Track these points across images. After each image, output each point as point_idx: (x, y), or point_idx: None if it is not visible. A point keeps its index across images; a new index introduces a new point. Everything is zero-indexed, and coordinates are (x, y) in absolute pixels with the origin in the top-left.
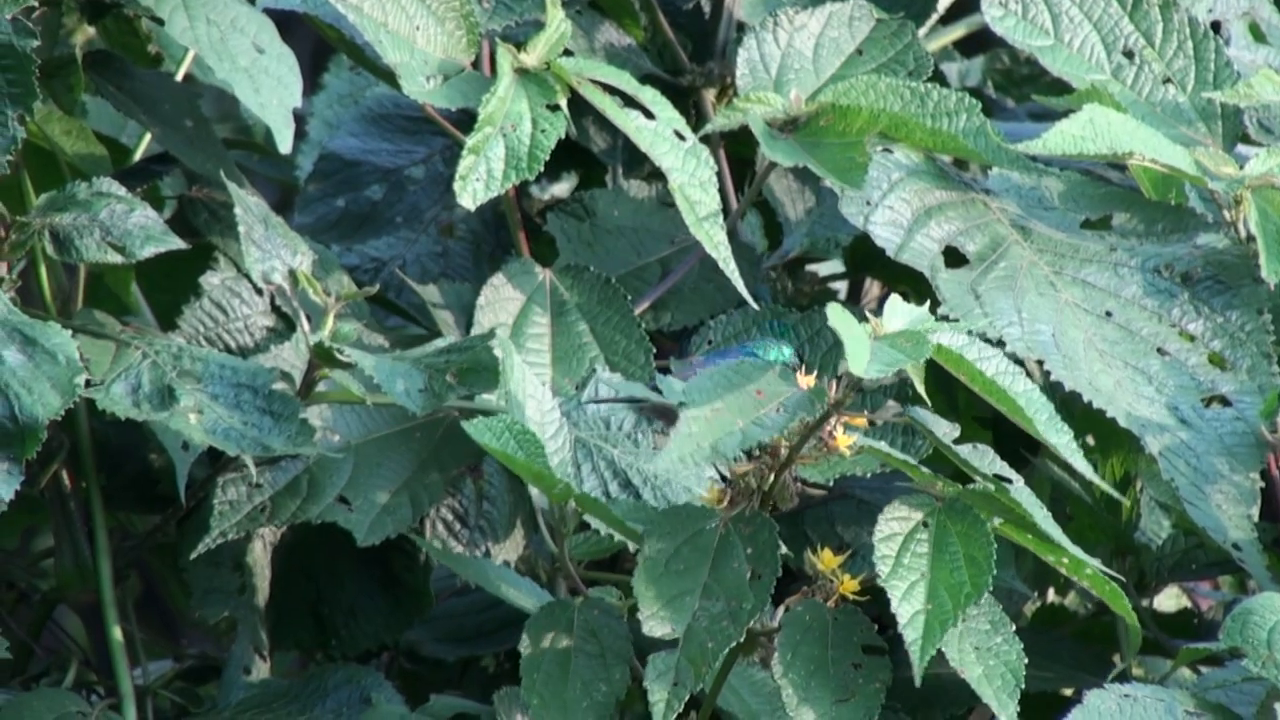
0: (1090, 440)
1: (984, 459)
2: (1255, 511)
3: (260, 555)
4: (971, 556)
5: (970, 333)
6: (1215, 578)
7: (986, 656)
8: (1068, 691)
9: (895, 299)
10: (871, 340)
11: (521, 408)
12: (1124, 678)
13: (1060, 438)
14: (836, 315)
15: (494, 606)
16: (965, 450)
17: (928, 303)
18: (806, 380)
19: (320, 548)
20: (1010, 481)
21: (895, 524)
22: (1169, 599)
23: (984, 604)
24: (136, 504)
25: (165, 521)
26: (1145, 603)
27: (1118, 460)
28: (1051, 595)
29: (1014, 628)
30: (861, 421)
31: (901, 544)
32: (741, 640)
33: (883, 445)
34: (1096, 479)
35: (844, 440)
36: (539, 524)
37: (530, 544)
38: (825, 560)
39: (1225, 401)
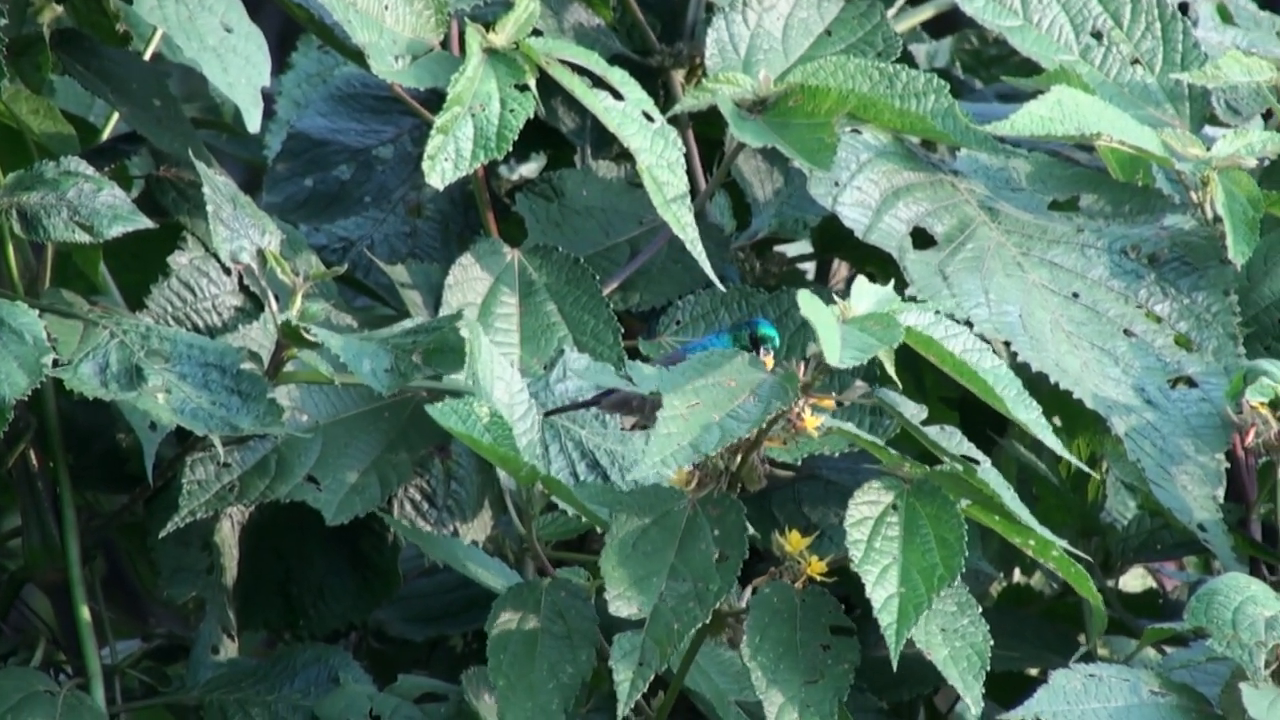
0: (1057, 421)
1: (951, 440)
2: (1220, 492)
3: (228, 535)
4: (943, 538)
5: (937, 312)
6: (1180, 558)
7: (953, 638)
8: (1033, 671)
9: (862, 280)
10: (843, 326)
11: (488, 389)
12: (1089, 657)
13: (1029, 414)
14: (807, 302)
15: (461, 587)
16: (933, 431)
17: (892, 282)
18: (769, 361)
19: (289, 528)
20: (977, 463)
21: (865, 508)
22: (1134, 579)
23: (955, 581)
24: (104, 483)
25: (133, 501)
26: (1111, 583)
27: (1084, 441)
28: (1017, 575)
29: (980, 609)
30: (829, 403)
31: (873, 528)
32: (708, 621)
33: (850, 426)
34: (1066, 453)
35: (812, 422)
36: (507, 504)
37: (498, 524)
38: (793, 542)
39: (1191, 383)
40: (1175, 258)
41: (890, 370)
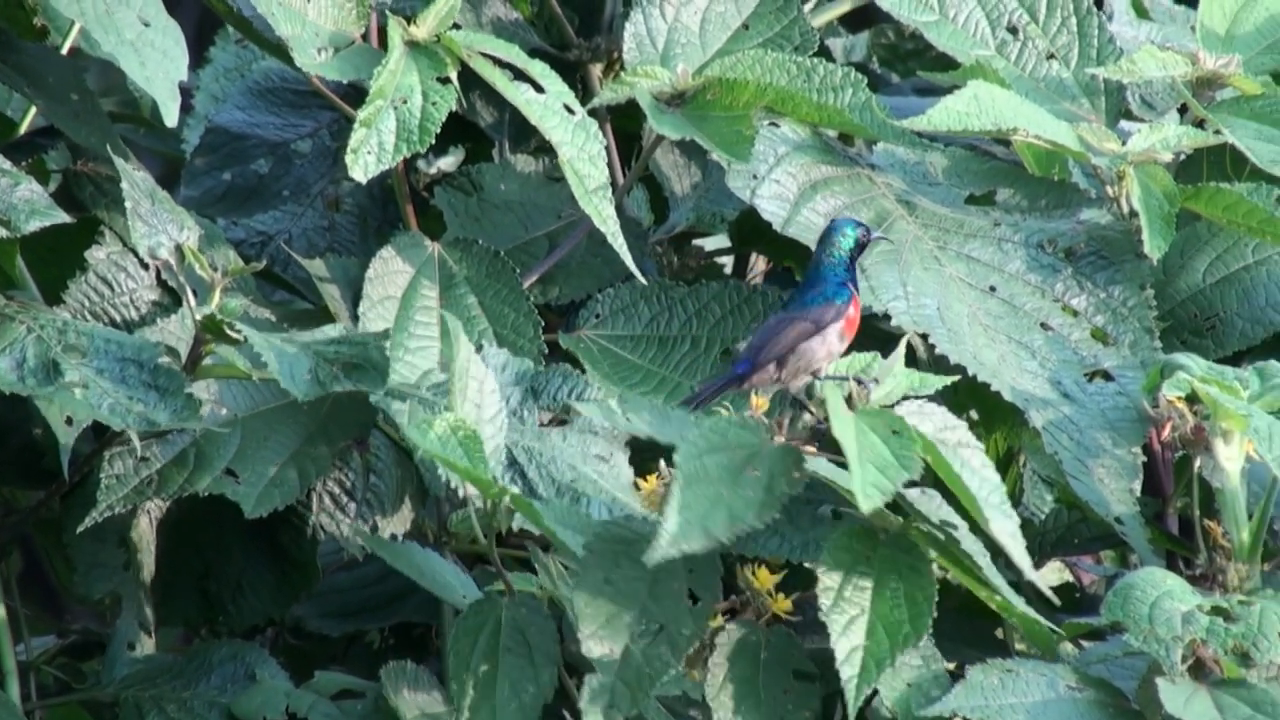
0: (974, 415)
1: (931, 504)
2: (1137, 486)
3: (146, 530)
4: (912, 596)
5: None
6: (1098, 552)
7: (907, 678)
8: (950, 666)
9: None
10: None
11: (464, 387)
12: (1006, 652)
13: (1004, 524)
14: (841, 427)
15: (379, 581)
16: (914, 494)
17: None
18: (759, 403)
19: (207, 522)
20: (955, 527)
21: (840, 554)
22: (1051, 573)
23: (918, 645)
24: (20, 479)
25: (49, 496)
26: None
27: (1001, 435)
28: (936, 570)
29: (945, 665)
30: (812, 450)
31: (844, 576)
32: (680, 670)
33: (833, 472)
34: (1033, 575)
35: None
36: (427, 497)
37: (419, 516)
38: (760, 579)
39: (1108, 376)
40: (1091, 252)
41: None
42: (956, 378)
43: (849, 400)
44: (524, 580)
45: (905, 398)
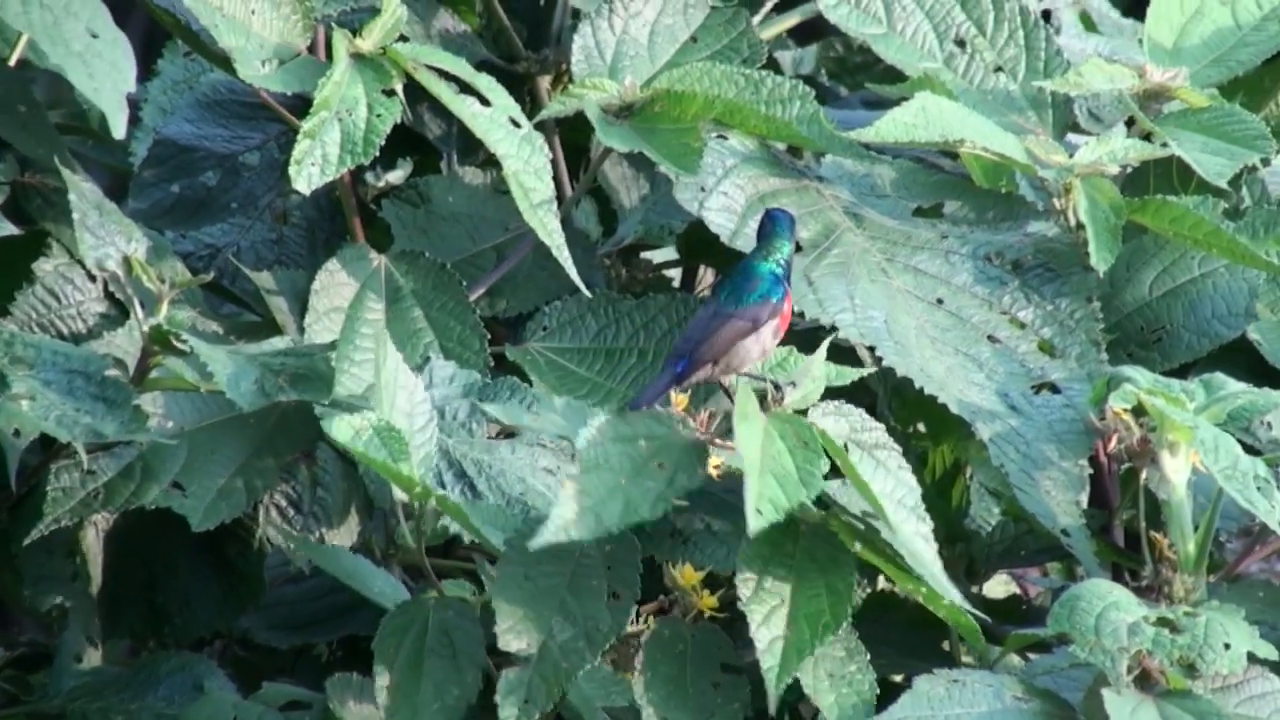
0: (921, 427)
1: (852, 495)
2: (1084, 498)
3: (93, 542)
4: (833, 586)
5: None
6: (1044, 564)
7: (840, 684)
8: (897, 677)
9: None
10: (762, 479)
11: (391, 397)
12: (953, 663)
13: (912, 527)
14: (747, 438)
15: (327, 594)
16: (834, 486)
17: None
18: (680, 400)
19: (154, 535)
20: (877, 518)
21: (760, 546)
22: (998, 585)
23: (841, 630)
24: None
25: None
26: (974, 589)
27: (948, 446)
28: (881, 582)
29: (868, 656)
30: (732, 446)
31: (764, 567)
32: (596, 664)
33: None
34: (945, 584)
35: (713, 461)
36: (373, 510)
37: (365, 529)
38: (686, 576)
39: (1055, 388)
40: (1038, 264)
41: None
42: (873, 369)
43: (763, 402)
44: (459, 587)
45: (823, 397)
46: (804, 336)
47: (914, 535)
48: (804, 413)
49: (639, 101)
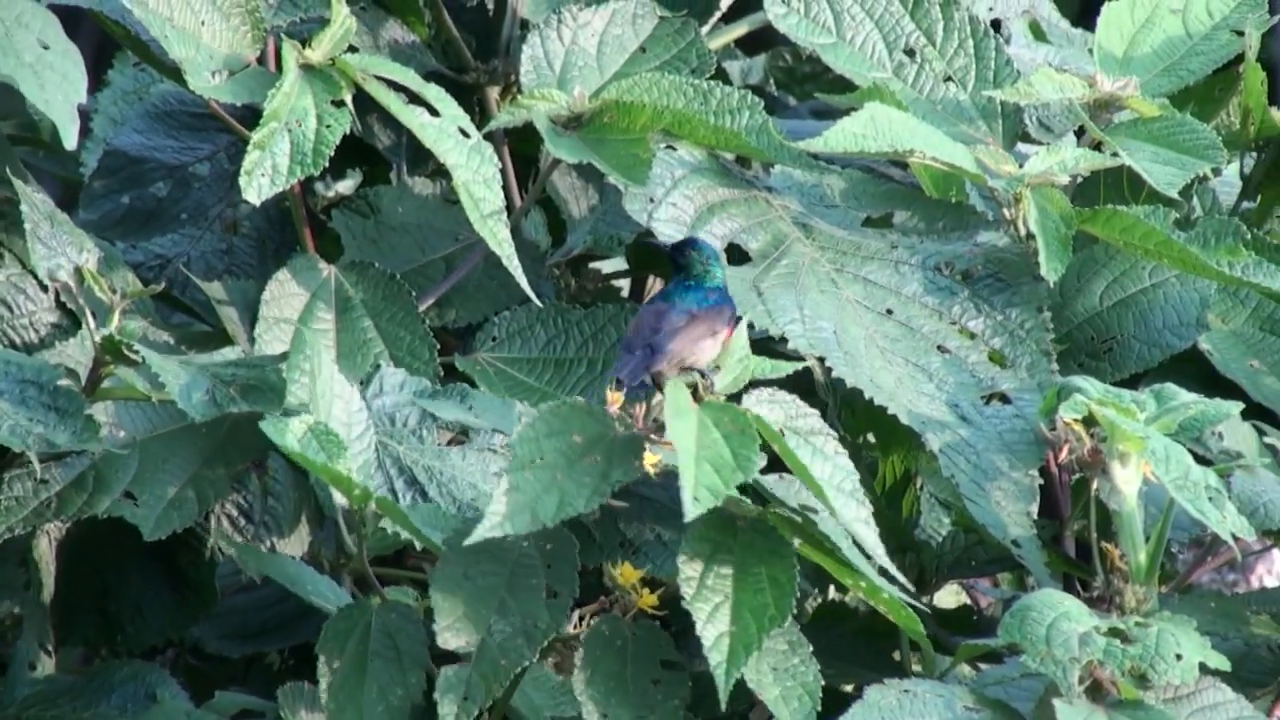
0: (871, 437)
1: (790, 489)
2: (1034, 509)
3: (46, 551)
4: (775, 578)
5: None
6: (995, 574)
7: (784, 678)
8: (849, 687)
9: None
10: (699, 467)
11: (327, 407)
12: (904, 673)
13: (854, 512)
14: (679, 427)
15: (278, 603)
16: (770, 480)
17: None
18: (615, 397)
19: (106, 544)
20: (816, 511)
21: (699, 543)
22: (949, 595)
23: (785, 622)
24: None
25: None
26: (925, 599)
27: (898, 457)
28: (832, 592)
29: (811, 649)
30: (669, 445)
31: (705, 564)
32: (535, 661)
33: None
34: (886, 562)
35: (650, 459)
36: (324, 520)
37: (315, 538)
38: (625, 574)
39: (1005, 399)
40: (989, 274)
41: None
42: (806, 363)
43: (695, 393)
44: (402, 593)
45: (754, 384)
46: (753, 346)
47: (855, 519)
48: (737, 399)
49: (588, 112)
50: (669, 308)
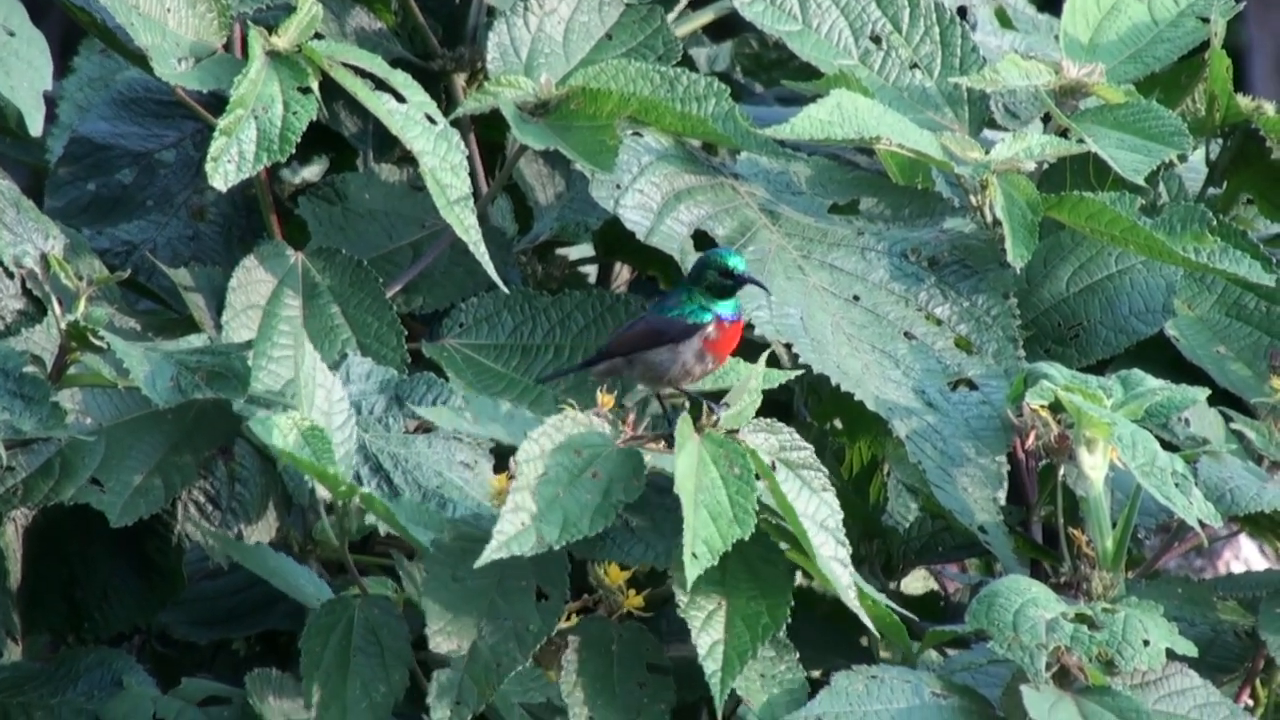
0: (838, 423)
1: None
2: (1001, 494)
3: (12, 538)
4: (768, 587)
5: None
6: (962, 560)
7: (771, 685)
8: (816, 673)
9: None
10: (699, 517)
11: (310, 395)
12: (871, 659)
13: (832, 551)
14: (684, 476)
15: (246, 589)
16: (764, 487)
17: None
18: (606, 400)
19: (73, 530)
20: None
21: (696, 548)
22: (916, 581)
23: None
24: None
25: None
26: (892, 585)
27: (865, 443)
28: (800, 578)
29: (797, 654)
30: (660, 446)
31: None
32: (527, 665)
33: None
34: (856, 607)
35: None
36: (291, 506)
37: (284, 524)
38: (612, 575)
39: (972, 385)
40: (955, 261)
41: None
42: (799, 372)
43: (697, 420)
44: (381, 585)
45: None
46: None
47: (831, 559)
48: (737, 431)
49: (554, 99)
50: (658, 315)
